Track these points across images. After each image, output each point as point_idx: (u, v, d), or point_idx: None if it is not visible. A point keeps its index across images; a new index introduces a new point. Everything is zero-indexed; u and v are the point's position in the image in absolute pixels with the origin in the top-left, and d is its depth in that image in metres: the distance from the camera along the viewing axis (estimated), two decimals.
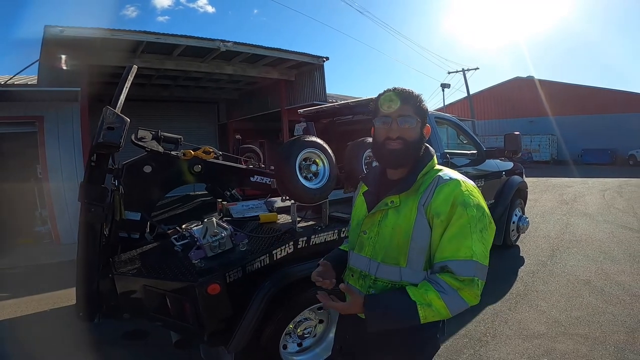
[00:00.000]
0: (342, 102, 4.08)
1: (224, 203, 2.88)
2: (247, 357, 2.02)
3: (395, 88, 1.11)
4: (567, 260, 4.40)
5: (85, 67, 6.25)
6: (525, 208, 5.23)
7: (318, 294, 1.09)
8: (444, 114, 4.45)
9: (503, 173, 4.61)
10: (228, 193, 3.20)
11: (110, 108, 1.90)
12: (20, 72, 7.37)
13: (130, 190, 2.41)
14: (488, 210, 1.06)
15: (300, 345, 2.33)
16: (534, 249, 4.90)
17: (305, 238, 2.25)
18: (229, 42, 6.89)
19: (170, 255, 2.18)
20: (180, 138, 2.90)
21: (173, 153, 2.71)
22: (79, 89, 5.96)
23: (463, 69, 21.64)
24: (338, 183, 2.76)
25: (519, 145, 3.99)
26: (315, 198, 2.38)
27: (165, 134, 2.81)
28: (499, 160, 4.61)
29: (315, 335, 2.38)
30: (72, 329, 2.75)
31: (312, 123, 3.90)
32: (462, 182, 1.06)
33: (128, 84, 2.15)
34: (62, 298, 3.81)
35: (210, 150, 2.87)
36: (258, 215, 2.68)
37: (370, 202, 1.16)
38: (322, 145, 2.48)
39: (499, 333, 2.82)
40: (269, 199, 3.14)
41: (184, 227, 2.42)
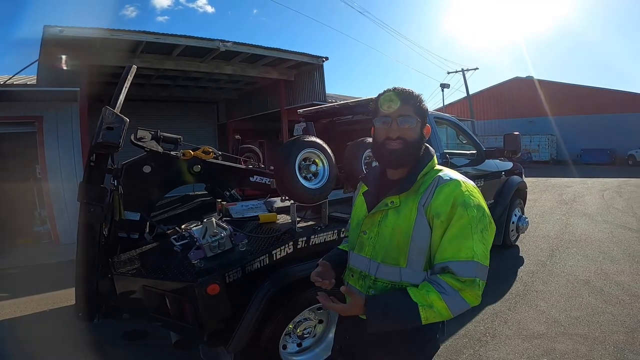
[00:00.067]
0: (341, 102, 4.07)
1: (224, 203, 2.88)
2: (246, 357, 2.02)
3: (395, 88, 1.11)
4: (566, 260, 4.40)
5: (85, 67, 6.25)
6: (525, 208, 5.23)
7: (318, 295, 1.08)
8: (444, 114, 4.44)
9: (502, 173, 4.61)
10: (227, 193, 3.20)
11: (110, 108, 1.90)
12: (20, 72, 7.40)
13: (130, 190, 2.40)
14: (488, 211, 1.06)
15: (300, 346, 2.33)
16: (534, 249, 4.90)
17: (305, 238, 2.25)
18: (229, 42, 6.89)
19: (170, 256, 2.18)
20: (180, 138, 2.90)
21: (172, 153, 2.71)
22: (79, 89, 5.96)
23: (462, 69, 21.68)
24: (338, 183, 2.76)
25: (519, 145, 3.99)
26: (315, 198, 2.38)
27: (165, 134, 2.81)
28: (499, 160, 4.61)
29: (315, 336, 2.38)
30: (71, 329, 2.75)
31: (311, 123, 3.90)
32: (462, 182, 1.06)
33: (127, 84, 2.15)
34: (61, 298, 3.81)
35: (210, 150, 2.87)
36: (257, 216, 2.68)
37: (370, 202, 1.16)
38: (321, 146, 2.48)
39: (499, 333, 2.82)
40: (269, 199, 3.14)
41: (184, 227, 2.41)
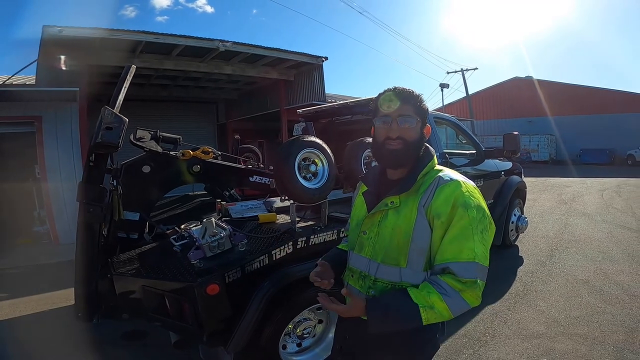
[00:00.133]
0: (341, 102, 4.07)
1: (223, 203, 2.88)
2: (246, 357, 2.02)
3: (395, 88, 1.11)
4: (565, 260, 4.40)
5: (84, 67, 6.24)
6: (524, 208, 5.23)
7: (319, 296, 1.08)
8: (443, 114, 4.44)
9: (502, 173, 4.61)
10: (227, 193, 3.20)
11: (109, 108, 1.90)
12: (19, 72, 7.35)
13: (129, 191, 2.40)
14: (488, 211, 1.06)
15: (300, 346, 2.33)
16: (533, 249, 4.91)
17: (305, 238, 2.25)
18: (228, 42, 6.89)
19: (169, 256, 2.18)
20: (179, 138, 2.89)
21: (172, 153, 2.71)
22: (78, 89, 5.95)
23: (462, 69, 21.66)
24: (337, 183, 2.75)
25: (518, 145, 3.98)
26: (315, 198, 2.38)
27: (164, 134, 2.80)
28: (498, 160, 4.61)
29: (315, 336, 2.38)
30: (71, 329, 2.74)
31: (311, 123, 3.90)
32: (462, 183, 1.05)
33: (127, 84, 2.14)
34: (60, 298, 3.81)
35: (209, 150, 2.87)
36: (257, 216, 2.68)
37: (370, 202, 1.16)
38: (321, 145, 2.48)
39: (498, 333, 2.82)
40: (268, 199, 3.14)
41: (183, 227, 2.41)
